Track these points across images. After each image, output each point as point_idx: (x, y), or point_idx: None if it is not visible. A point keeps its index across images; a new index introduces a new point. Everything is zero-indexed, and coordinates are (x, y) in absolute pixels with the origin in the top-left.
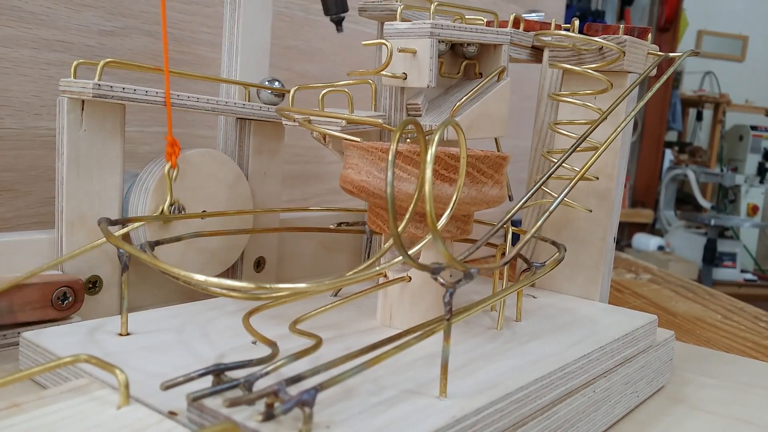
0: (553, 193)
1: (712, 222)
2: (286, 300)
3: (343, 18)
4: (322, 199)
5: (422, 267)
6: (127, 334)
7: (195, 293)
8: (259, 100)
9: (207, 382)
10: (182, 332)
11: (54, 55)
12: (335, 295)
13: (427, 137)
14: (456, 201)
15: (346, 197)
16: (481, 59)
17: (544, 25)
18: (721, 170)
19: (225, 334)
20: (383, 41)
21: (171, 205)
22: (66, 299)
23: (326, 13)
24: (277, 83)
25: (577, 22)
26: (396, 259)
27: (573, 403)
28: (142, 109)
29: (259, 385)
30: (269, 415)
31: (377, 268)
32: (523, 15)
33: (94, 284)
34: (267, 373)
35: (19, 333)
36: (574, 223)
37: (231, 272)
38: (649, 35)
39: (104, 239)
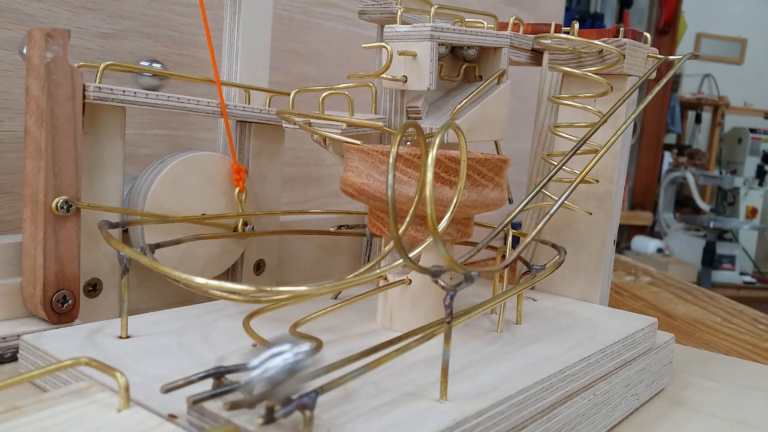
0: (553, 196)
1: (711, 224)
2: (286, 303)
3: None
4: (321, 201)
5: (423, 270)
6: (127, 337)
7: (194, 296)
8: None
9: (207, 385)
10: (182, 335)
11: None
12: (335, 297)
13: (427, 140)
14: (456, 204)
15: (346, 200)
16: (481, 62)
17: (540, 27)
18: (720, 173)
19: (225, 337)
20: (383, 44)
21: (245, 224)
22: (65, 302)
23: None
24: (159, 66)
25: (576, 25)
26: (397, 262)
27: (573, 405)
28: (142, 112)
29: (260, 388)
30: (270, 419)
31: (378, 271)
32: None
33: (93, 287)
34: None
35: (18, 336)
36: (574, 226)
37: (231, 275)
38: (642, 37)
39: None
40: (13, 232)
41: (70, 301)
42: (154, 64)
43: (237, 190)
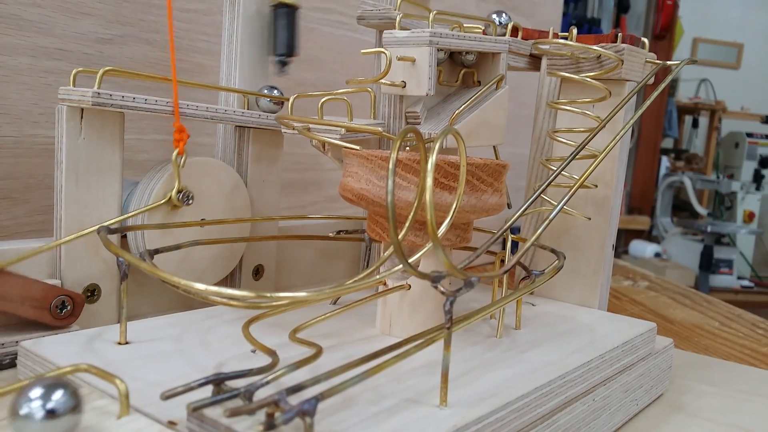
0: (552, 201)
1: (709, 229)
2: (285, 308)
3: (287, 63)
4: (320, 206)
5: (423, 275)
6: (126, 343)
7: (193, 301)
8: (258, 108)
9: (207, 391)
10: (181, 341)
11: (52, 63)
12: (334, 303)
13: (426, 145)
14: (456, 209)
15: (345, 204)
16: (480, 67)
17: (542, 34)
18: (717, 177)
19: (224, 343)
20: (382, 50)
21: (179, 191)
22: (64, 308)
23: (273, 52)
24: (276, 91)
25: (575, 31)
26: (396, 268)
27: (573, 411)
28: (140, 117)
29: (260, 395)
30: (270, 425)
31: (377, 277)
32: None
33: (92, 293)
34: (267, 383)
35: (17, 342)
36: (572, 231)
37: (229, 280)
38: (639, 42)
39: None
40: (11, 238)
41: (69, 307)
42: (274, 91)
43: (175, 152)
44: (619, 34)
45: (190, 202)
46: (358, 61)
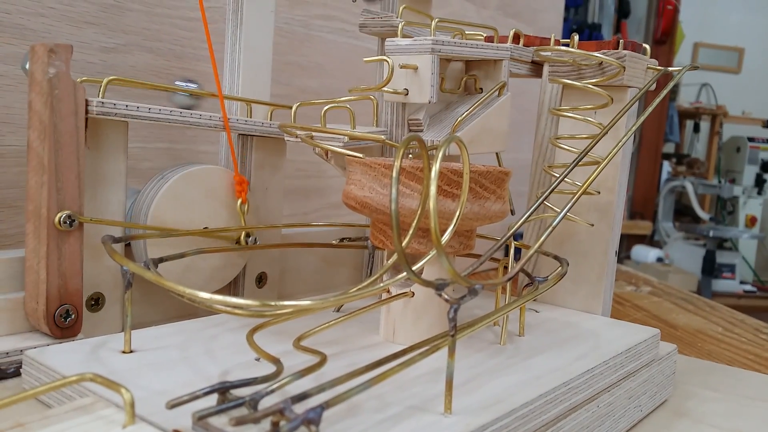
0: (555, 208)
1: (711, 233)
2: (289, 317)
3: None
4: (323, 213)
5: (427, 283)
6: (131, 352)
7: (196, 309)
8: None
9: (212, 400)
10: (186, 349)
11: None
12: (338, 310)
13: (429, 153)
14: (459, 216)
15: (347, 211)
16: (482, 74)
17: (543, 41)
18: (719, 182)
19: (228, 351)
20: (385, 58)
21: (248, 236)
22: (68, 317)
23: None
24: (195, 85)
25: (576, 37)
26: (400, 275)
27: (577, 418)
28: (143, 126)
29: (265, 403)
30: None
31: (381, 285)
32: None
33: (96, 301)
34: (272, 391)
35: (21, 351)
36: (575, 237)
37: (233, 288)
38: (641, 49)
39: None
40: (15, 247)
41: (72, 316)
42: (190, 84)
43: (239, 201)
44: (621, 40)
45: (256, 243)
46: (361, 69)
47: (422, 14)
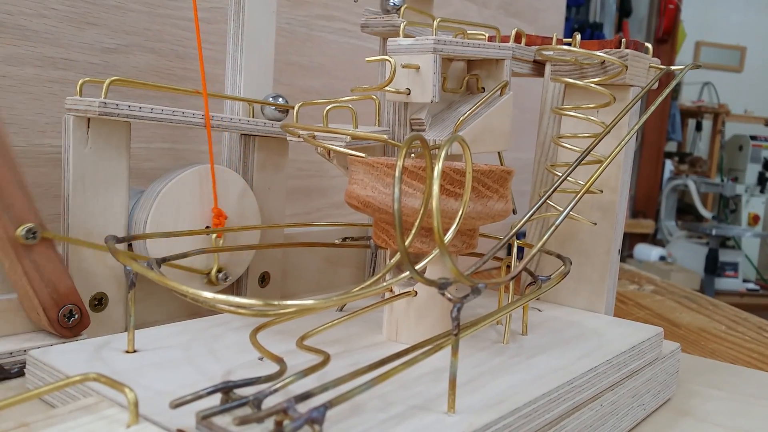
0: (557, 207)
1: (714, 232)
2: (292, 316)
3: None
4: (325, 213)
5: (430, 282)
6: (134, 351)
7: (199, 309)
8: (264, 116)
9: (216, 399)
10: (189, 349)
11: (58, 73)
12: (341, 310)
13: (432, 152)
14: (462, 216)
15: (349, 211)
16: (484, 74)
17: (545, 40)
18: (722, 180)
19: (232, 351)
20: (387, 57)
21: (219, 271)
22: (72, 317)
23: None
24: (281, 99)
25: (578, 37)
26: (403, 275)
27: (581, 417)
28: (146, 126)
29: (268, 403)
30: None
31: (384, 284)
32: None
33: (99, 301)
34: (276, 391)
35: (25, 351)
36: (578, 236)
37: (236, 287)
38: (644, 48)
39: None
40: None
41: (76, 316)
42: (279, 99)
43: (215, 236)
44: (623, 39)
45: (227, 282)
46: (363, 69)
47: (424, 14)
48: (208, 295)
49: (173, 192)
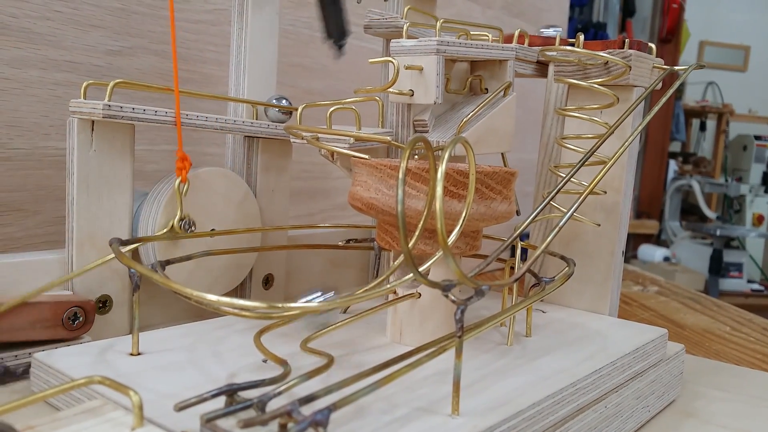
0: (561, 208)
1: (718, 232)
2: (296, 318)
3: (344, 44)
4: (328, 214)
5: (434, 284)
6: (138, 354)
7: (203, 311)
8: (267, 118)
9: (220, 402)
10: (193, 351)
11: (62, 75)
12: (344, 312)
13: (435, 154)
14: (465, 217)
15: (353, 212)
16: (487, 75)
17: (548, 41)
18: (726, 180)
19: (236, 353)
20: (390, 59)
21: (181, 219)
22: (76, 319)
23: (327, 37)
24: (284, 101)
25: (582, 37)
26: (407, 277)
27: (585, 419)
28: (149, 128)
29: (272, 405)
30: None
31: (388, 286)
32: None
33: (104, 303)
34: (280, 393)
35: (30, 354)
36: (582, 237)
37: (239, 289)
38: (648, 48)
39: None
40: (23, 250)
41: (81, 318)
42: (283, 101)
43: (178, 180)
44: (626, 40)
45: (193, 229)
46: (366, 70)
47: (427, 15)
48: (212, 297)
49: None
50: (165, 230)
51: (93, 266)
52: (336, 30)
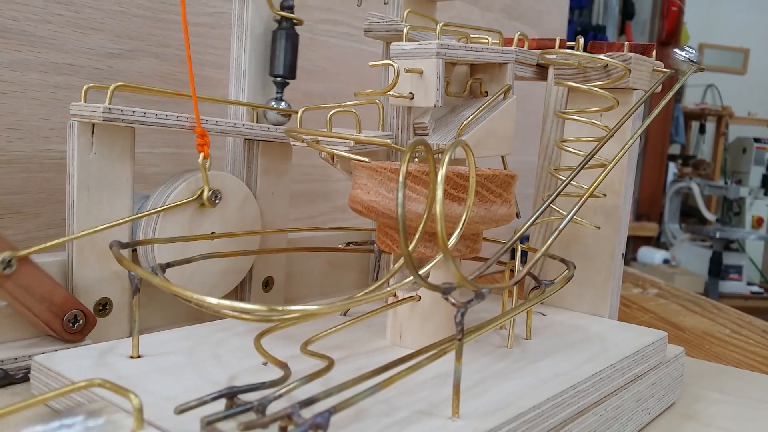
0: (561, 211)
1: (718, 235)
2: (296, 321)
3: (286, 84)
4: (328, 217)
5: (434, 287)
6: (139, 357)
7: (203, 314)
8: (266, 120)
9: (220, 405)
10: (193, 354)
11: (63, 78)
12: (344, 314)
13: (436, 156)
14: (466, 220)
15: (352, 215)
16: (487, 78)
17: (541, 42)
18: (725, 183)
19: (236, 356)
20: (390, 62)
21: (210, 191)
22: (76, 322)
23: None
24: (283, 103)
25: (581, 40)
26: (407, 279)
27: (585, 422)
28: (150, 131)
29: (273, 408)
30: None
31: (388, 289)
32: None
33: (104, 306)
34: (280, 396)
35: (30, 356)
36: (581, 240)
37: (239, 292)
38: (654, 52)
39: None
40: None
41: (81, 321)
42: (282, 103)
43: (201, 156)
44: (626, 43)
45: (218, 201)
46: (366, 73)
47: (427, 18)
48: (212, 300)
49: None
50: (193, 198)
51: None
52: (283, 68)
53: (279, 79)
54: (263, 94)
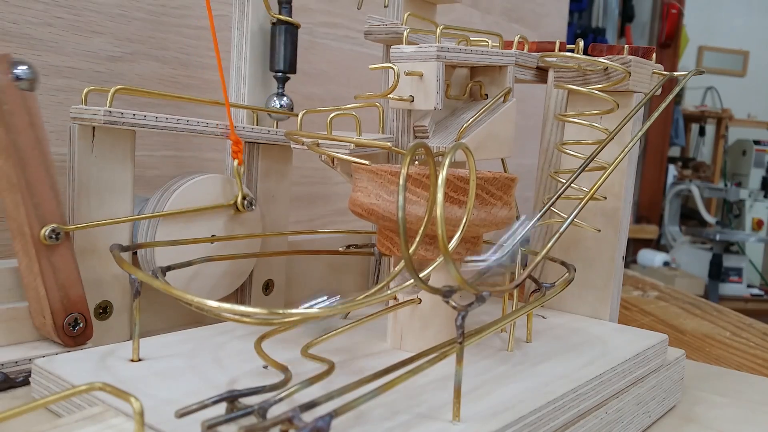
0: (561, 214)
1: (718, 237)
2: (297, 324)
3: (287, 79)
4: (328, 219)
5: (434, 290)
6: (139, 360)
7: (203, 317)
8: (269, 116)
9: (221, 408)
10: (194, 357)
11: (63, 81)
12: (345, 317)
13: (436, 159)
14: (466, 223)
15: (352, 218)
16: (487, 80)
17: (541, 45)
18: (725, 185)
19: (236, 359)
20: (390, 65)
21: (244, 198)
22: (77, 326)
23: (272, 68)
24: (285, 98)
25: (581, 43)
26: (407, 282)
27: (585, 425)
28: (150, 134)
29: (273, 412)
30: None
31: (388, 292)
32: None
33: (104, 309)
34: (281, 400)
35: (30, 360)
36: (582, 243)
37: (239, 295)
38: (654, 54)
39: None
40: None
41: (81, 324)
42: (284, 98)
43: (236, 162)
44: (626, 45)
45: (254, 208)
46: (366, 76)
47: (427, 21)
48: (213, 303)
49: (180, 202)
50: (230, 202)
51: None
52: (284, 63)
53: (280, 74)
54: (263, 93)
